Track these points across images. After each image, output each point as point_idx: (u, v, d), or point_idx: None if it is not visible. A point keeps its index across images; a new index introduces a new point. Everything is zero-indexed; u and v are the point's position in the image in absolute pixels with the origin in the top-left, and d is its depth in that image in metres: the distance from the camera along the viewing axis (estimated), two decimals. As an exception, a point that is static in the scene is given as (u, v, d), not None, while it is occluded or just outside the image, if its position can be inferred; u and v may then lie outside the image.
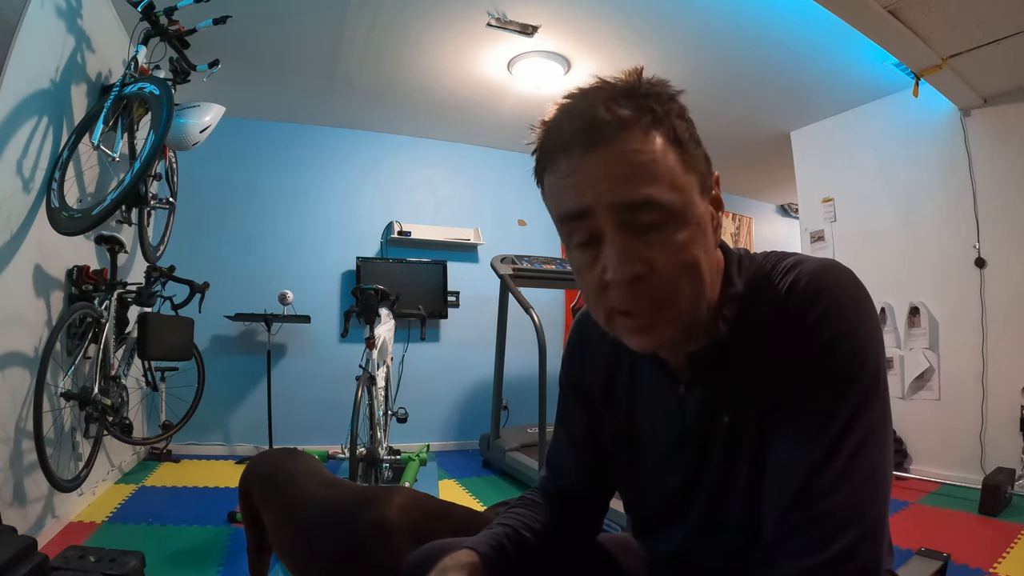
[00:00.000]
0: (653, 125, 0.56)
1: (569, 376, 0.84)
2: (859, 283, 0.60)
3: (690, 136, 0.59)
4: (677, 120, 0.58)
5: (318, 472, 1.29)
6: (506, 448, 3.40)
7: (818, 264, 0.61)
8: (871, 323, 0.58)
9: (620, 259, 0.55)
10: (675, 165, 0.56)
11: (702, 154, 0.61)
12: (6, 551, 1.29)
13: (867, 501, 0.54)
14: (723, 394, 0.64)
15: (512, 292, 3.32)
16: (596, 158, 0.55)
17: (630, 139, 0.55)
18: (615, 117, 0.55)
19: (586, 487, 0.82)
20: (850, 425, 0.54)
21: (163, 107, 2.00)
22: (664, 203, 0.55)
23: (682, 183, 0.56)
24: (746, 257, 0.67)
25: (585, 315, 0.84)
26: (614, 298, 0.58)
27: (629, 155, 0.55)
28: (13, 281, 1.92)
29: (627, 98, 0.56)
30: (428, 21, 2.93)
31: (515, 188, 4.79)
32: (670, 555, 0.74)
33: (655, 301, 0.57)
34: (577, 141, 0.56)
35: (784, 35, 2.93)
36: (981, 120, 3.20)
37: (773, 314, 0.60)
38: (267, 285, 3.85)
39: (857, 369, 0.56)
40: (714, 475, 0.65)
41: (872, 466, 0.54)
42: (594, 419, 0.80)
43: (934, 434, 3.26)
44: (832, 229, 3.89)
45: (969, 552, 2.10)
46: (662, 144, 0.56)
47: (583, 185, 0.56)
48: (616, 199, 0.55)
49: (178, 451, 3.53)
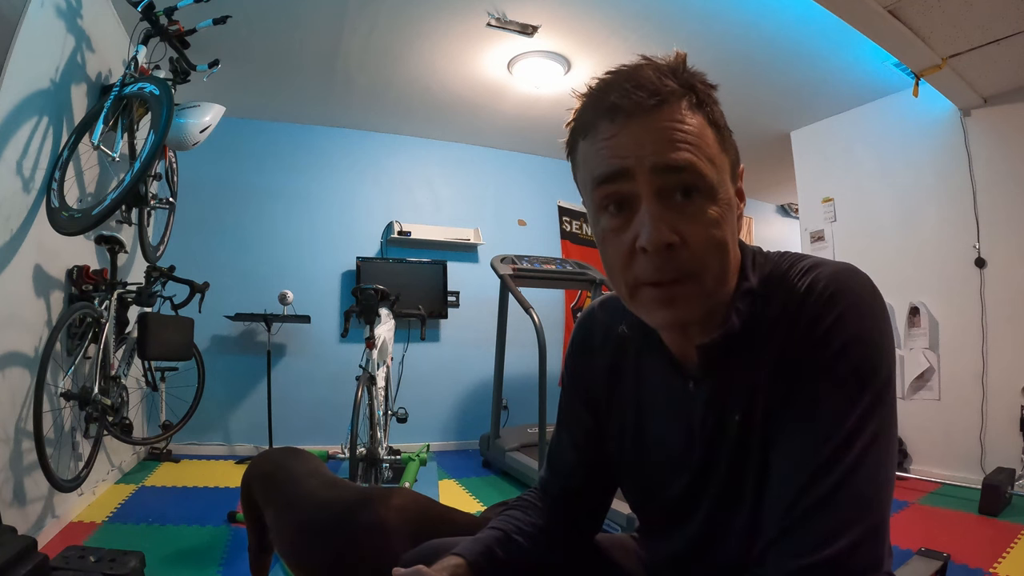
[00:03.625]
0: (696, 104, 0.58)
1: (572, 376, 0.83)
2: (876, 289, 0.61)
3: (725, 123, 0.61)
4: (715, 105, 0.61)
5: (319, 472, 1.29)
6: (506, 448, 3.40)
7: (837, 267, 0.61)
8: (885, 330, 0.59)
9: (654, 225, 0.56)
10: (713, 144, 0.59)
11: (734, 142, 0.63)
12: (6, 551, 1.29)
13: (871, 503, 0.54)
14: (732, 391, 0.64)
15: (512, 292, 3.32)
16: (642, 123, 0.57)
17: (675, 110, 0.57)
18: (662, 89, 0.57)
19: (587, 487, 0.82)
20: (859, 428, 0.55)
21: (163, 107, 2.00)
22: (703, 173, 0.57)
23: (718, 162, 0.59)
24: (760, 254, 0.68)
25: (589, 315, 0.84)
26: (641, 267, 0.58)
27: (674, 124, 0.57)
28: (13, 281, 1.92)
29: (673, 75, 0.59)
30: (428, 21, 2.94)
31: (515, 188, 4.80)
32: (676, 557, 0.73)
33: (681, 274, 0.57)
34: (623, 107, 0.57)
35: (784, 35, 2.93)
36: (981, 120, 3.20)
37: (789, 313, 0.60)
38: (267, 285, 3.85)
39: (869, 374, 0.56)
40: (723, 474, 0.65)
41: (877, 470, 0.55)
42: (598, 419, 0.79)
43: (934, 434, 3.26)
44: (832, 229, 3.89)
45: (969, 552, 2.10)
46: (703, 122, 0.58)
47: (626, 147, 0.57)
48: (659, 161, 0.56)
49: (178, 451, 3.53)
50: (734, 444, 0.64)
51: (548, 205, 4.91)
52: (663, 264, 0.57)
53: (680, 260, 0.57)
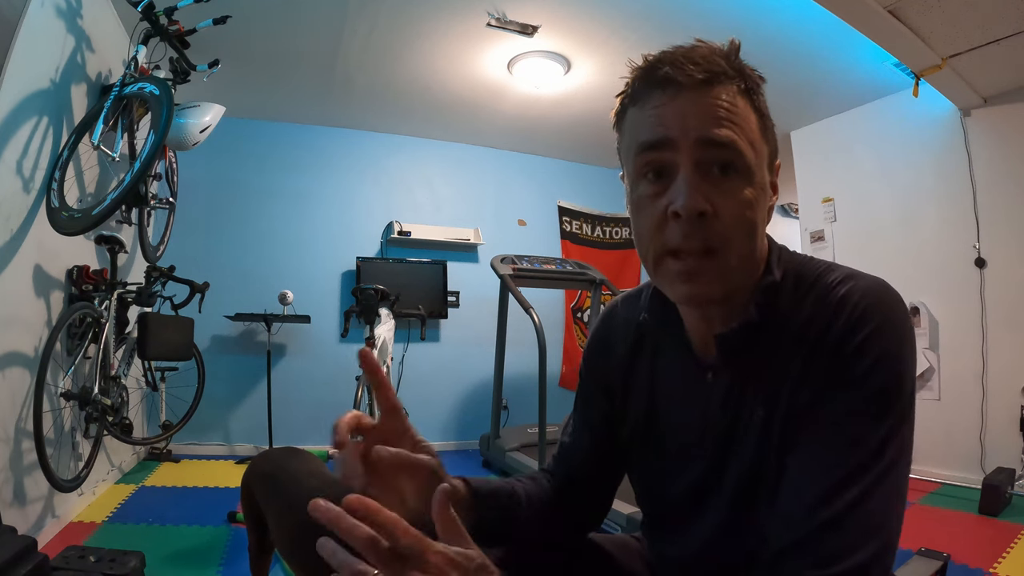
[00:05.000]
0: (745, 90, 0.61)
1: (590, 367, 0.84)
2: (906, 307, 0.62)
3: (768, 114, 0.64)
4: (762, 96, 0.63)
5: (320, 472, 1.29)
6: (506, 448, 3.40)
7: (873, 283, 0.62)
8: (912, 350, 0.60)
9: (690, 192, 0.57)
10: (755, 129, 0.61)
11: (774, 135, 0.64)
12: (6, 551, 1.29)
13: (886, 522, 0.54)
14: (752, 386, 0.64)
15: (512, 292, 3.32)
16: (691, 97, 0.59)
17: (724, 91, 0.59)
18: (715, 68, 0.59)
19: (595, 477, 0.83)
20: (880, 449, 0.55)
21: (163, 107, 2.00)
22: (743, 152, 0.58)
23: (758, 147, 0.61)
24: (787, 252, 0.69)
25: (611, 309, 0.85)
26: (670, 234, 0.59)
27: (722, 103, 0.59)
28: (13, 281, 1.92)
29: (726, 59, 0.61)
30: (428, 21, 2.94)
31: (515, 188, 4.80)
32: (683, 556, 0.73)
33: (708, 248, 0.58)
34: (676, 80, 0.59)
35: (784, 35, 2.93)
36: (981, 120, 3.19)
37: (820, 320, 0.61)
38: (267, 285, 3.85)
39: (896, 392, 0.57)
40: (737, 473, 0.65)
41: (893, 490, 0.55)
42: (614, 410, 0.80)
43: (934, 434, 3.25)
44: (832, 229, 3.89)
45: (969, 552, 2.10)
46: (748, 107, 0.61)
47: (673, 117, 0.59)
48: (702, 134, 0.58)
49: (178, 451, 3.53)
50: (751, 442, 0.64)
51: (548, 205, 4.91)
52: (692, 231, 0.58)
53: (709, 231, 0.58)
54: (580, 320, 4.92)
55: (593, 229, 5.09)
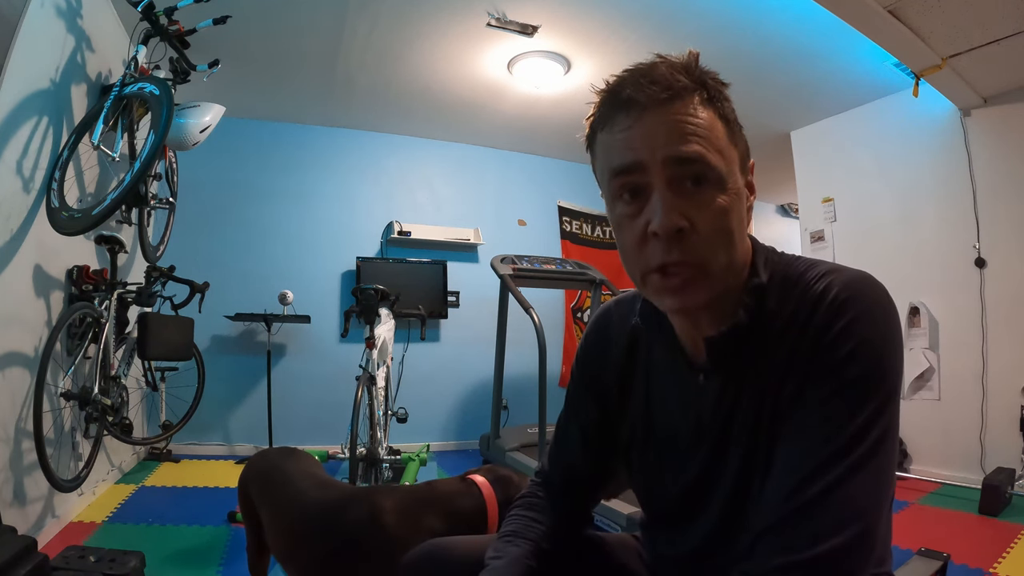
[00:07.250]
0: (707, 99, 0.61)
1: (584, 368, 0.85)
2: (890, 299, 0.62)
3: (735, 118, 0.65)
4: (726, 102, 0.64)
5: (313, 472, 1.30)
6: (506, 448, 3.40)
7: (853, 275, 0.63)
8: (895, 339, 0.60)
9: (665, 210, 0.59)
10: (722, 137, 0.62)
11: (743, 136, 0.65)
12: (6, 551, 1.29)
13: (865, 509, 0.54)
14: (743, 387, 0.65)
15: (512, 292, 3.32)
16: (655, 117, 0.60)
17: (687, 105, 0.60)
18: (675, 84, 0.60)
19: (589, 478, 0.84)
20: (861, 434, 0.55)
21: (163, 107, 2.00)
22: (712, 164, 0.59)
23: (727, 154, 0.62)
24: (773, 253, 0.70)
25: (605, 311, 0.86)
26: (652, 252, 0.60)
27: (685, 118, 0.60)
28: (13, 281, 1.92)
29: (686, 72, 0.62)
30: (428, 21, 2.94)
31: (515, 188, 4.80)
32: (683, 555, 0.73)
33: (690, 262, 0.59)
34: (638, 101, 0.60)
35: (784, 35, 2.93)
36: (981, 120, 3.19)
37: (802, 315, 0.62)
38: (267, 285, 3.85)
39: (876, 381, 0.57)
40: (733, 472, 0.65)
41: (874, 476, 0.55)
42: (607, 412, 0.81)
43: (934, 434, 3.26)
44: (832, 229, 3.89)
45: (969, 552, 2.10)
46: (713, 116, 0.61)
47: (640, 139, 0.60)
48: (670, 153, 0.59)
49: (178, 451, 3.53)
50: (744, 441, 0.64)
51: (548, 205, 4.91)
52: (672, 247, 0.59)
53: (689, 246, 0.59)
54: (580, 320, 4.92)
55: (593, 229, 5.09)
